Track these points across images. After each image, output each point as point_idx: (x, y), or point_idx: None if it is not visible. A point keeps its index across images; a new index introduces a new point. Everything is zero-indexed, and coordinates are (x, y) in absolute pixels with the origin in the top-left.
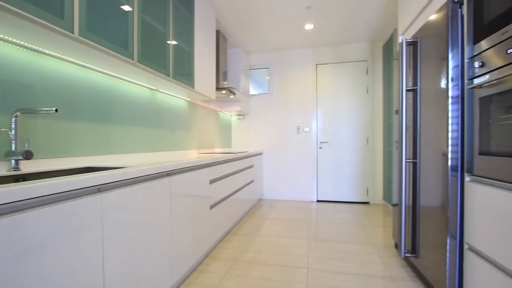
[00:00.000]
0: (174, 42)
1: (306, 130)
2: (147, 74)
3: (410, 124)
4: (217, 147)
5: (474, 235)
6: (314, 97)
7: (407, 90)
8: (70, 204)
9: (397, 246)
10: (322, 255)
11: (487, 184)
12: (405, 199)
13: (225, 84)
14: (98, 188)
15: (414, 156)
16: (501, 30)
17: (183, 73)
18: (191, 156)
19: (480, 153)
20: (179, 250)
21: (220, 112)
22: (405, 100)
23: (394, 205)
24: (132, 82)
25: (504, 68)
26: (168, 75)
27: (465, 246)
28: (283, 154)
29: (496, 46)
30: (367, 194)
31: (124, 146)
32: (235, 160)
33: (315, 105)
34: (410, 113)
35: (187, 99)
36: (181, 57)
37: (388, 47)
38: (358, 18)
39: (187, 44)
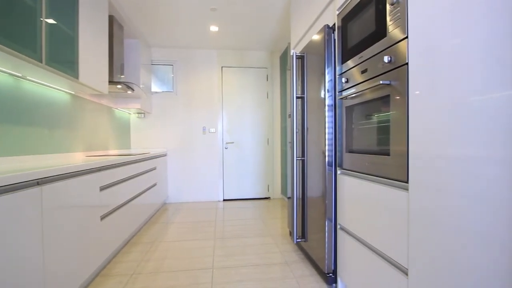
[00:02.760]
0: (49, 21)
1: (212, 131)
2: (6, 56)
3: (300, 127)
4: (112, 149)
5: (344, 216)
6: (220, 98)
7: (297, 97)
8: None
9: (291, 233)
10: (227, 252)
11: (349, 175)
12: (296, 192)
13: (122, 78)
14: None
15: (303, 154)
16: (359, 54)
17: (63, 60)
18: (76, 159)
19: (347, 151)
20: (57, 274)
21: (115, 109)
22: (295, 106)
23: (289, 198)
24: None
25: (360, 84)
26: (40, 61)
27: (338, 226)
28: (189, 155)
29: (356, 66)
30: (268, 190)
31: None
32: (134, 163)
33: (220, 107)
34: (300, 117)
35: (71, 92)
36: (60, 40)
37: (284, 58)
38: (259, 29)
39: (69, 26)
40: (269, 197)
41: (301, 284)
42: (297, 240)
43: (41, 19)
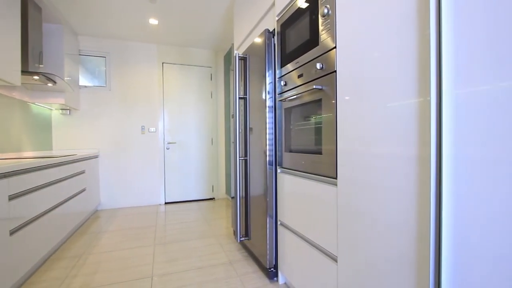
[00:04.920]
0: None
1: (152, 130)
2: None
3: (243, 127)
4: (27, 150)
5: (283, 213)
6: (161, 96)
7: (240, 98)
8: None
9: (235, 233)
10: (169, 257)
11: (288, 173)
12: (240, 191)
13: (40, 67)
14: None
15: (246, 154)
16: (296, 60)
17: None
18: None
19: (286, 151)
20: None
21: (32, 104)
22: (238, 107)
23: (232, 197)
24: None
25: (297, 88)
26: None
27: (278, 223)
28: (126, 156)
29: (293, 71)
30: (213, 190)
31: None
32: (55, 166)
33: (161, 105)
34: (242, 117)
35: None
36: None
37: (228, 58)
38: (203, 26)
39: None
40: (214, 198)
41: (244, 282)
42: (241, 239)
43: None
